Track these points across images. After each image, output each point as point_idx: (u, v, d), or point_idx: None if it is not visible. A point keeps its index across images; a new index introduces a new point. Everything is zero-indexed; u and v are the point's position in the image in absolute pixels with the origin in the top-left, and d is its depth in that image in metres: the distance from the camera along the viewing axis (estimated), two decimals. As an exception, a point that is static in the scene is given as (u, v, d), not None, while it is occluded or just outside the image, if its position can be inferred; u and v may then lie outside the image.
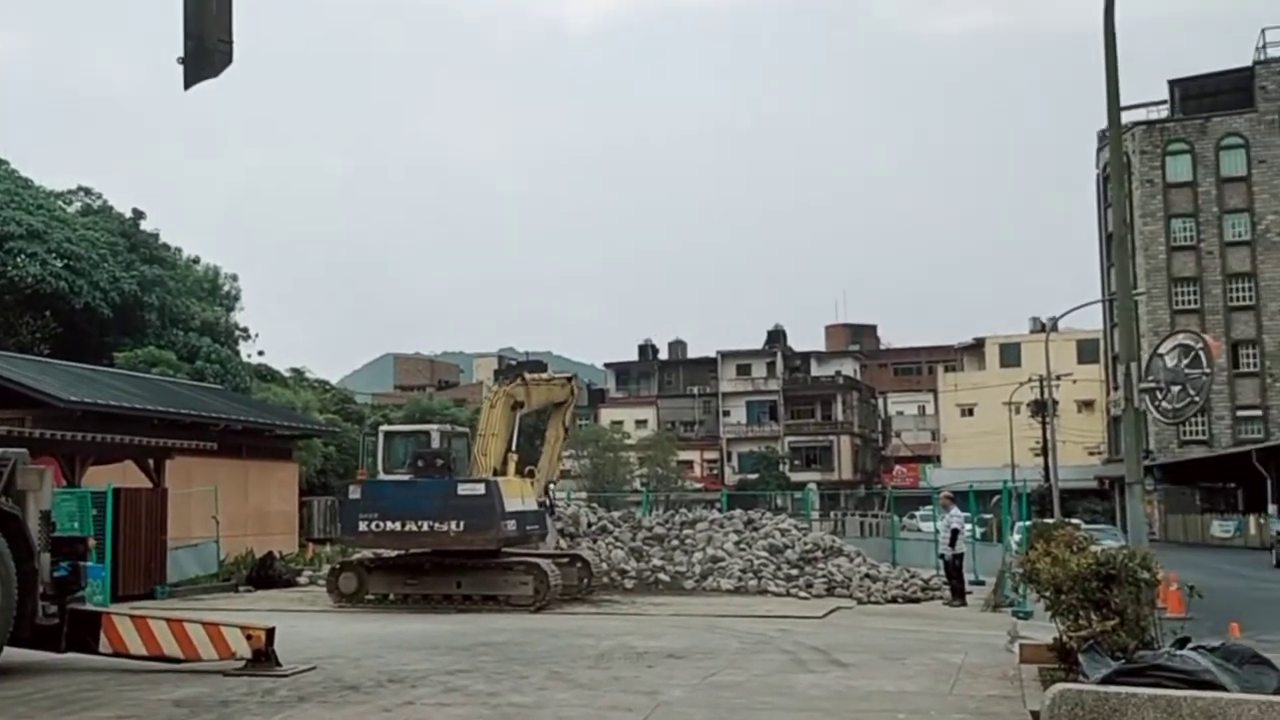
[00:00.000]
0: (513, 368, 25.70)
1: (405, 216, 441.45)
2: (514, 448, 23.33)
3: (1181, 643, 9.61)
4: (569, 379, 26.66)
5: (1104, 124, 15.14)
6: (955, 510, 25.47)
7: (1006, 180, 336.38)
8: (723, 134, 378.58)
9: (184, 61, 8.77)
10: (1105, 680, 8.63)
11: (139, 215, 55.18)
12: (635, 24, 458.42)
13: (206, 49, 8.67)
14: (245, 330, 60.61)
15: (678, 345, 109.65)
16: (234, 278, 62.35)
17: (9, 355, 32.95)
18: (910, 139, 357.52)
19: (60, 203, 52.96)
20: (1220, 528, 61.39)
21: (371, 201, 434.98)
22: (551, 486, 25.96)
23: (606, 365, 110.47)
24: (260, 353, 61.45)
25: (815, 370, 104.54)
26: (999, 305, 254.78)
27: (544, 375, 26.23)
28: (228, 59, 8.81)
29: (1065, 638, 11.19)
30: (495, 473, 22.62)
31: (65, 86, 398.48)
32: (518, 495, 22.54)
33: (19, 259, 44.99)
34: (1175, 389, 14.85)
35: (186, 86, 8.87)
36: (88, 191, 56.26)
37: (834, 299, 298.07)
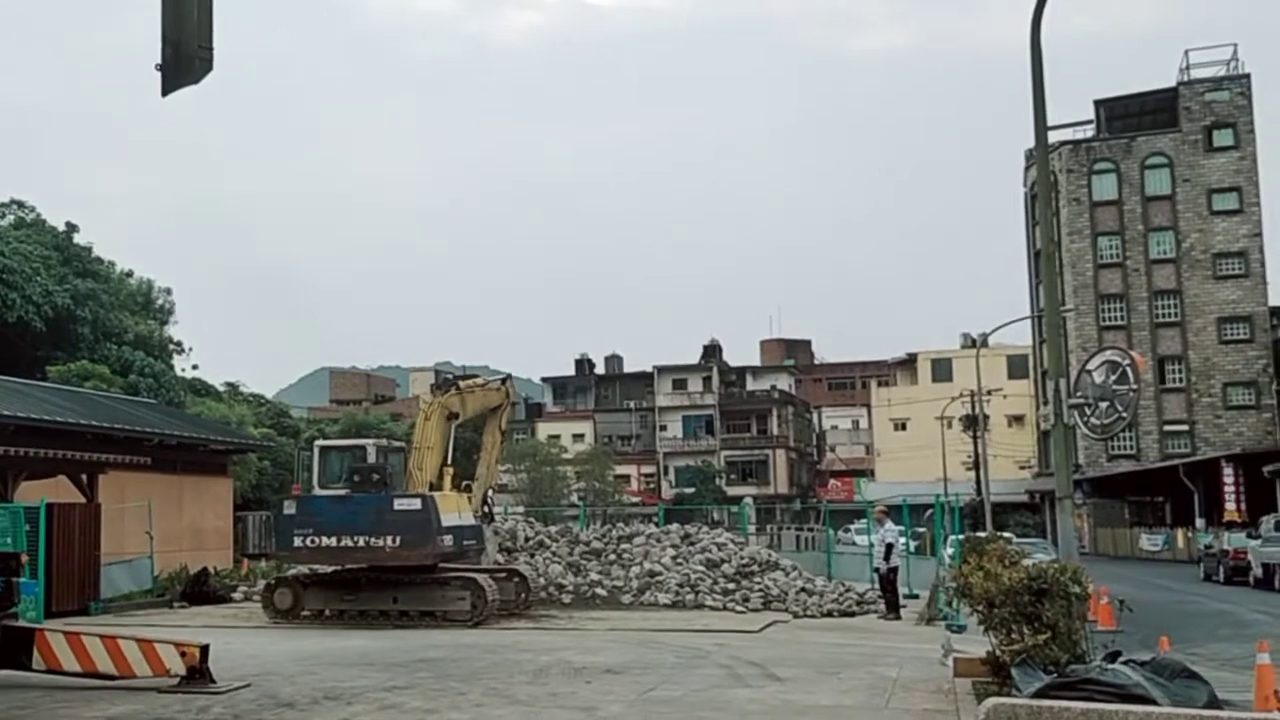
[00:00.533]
0: (448, 379, 25.39)
1: (340, 235, 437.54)
2: (449, 461, 23.25)
3: (1112, 656, 9.74)
4: (503, 381, 26.50)
5: (1031, 143, 15.35)
6: (889, 524, 25.63)
7: (938, 198, 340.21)
8: (654, 153, 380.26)
9: (162, 68, 8.71)
10: (1038, 694, 8.72)
11: (72, 229, 54.81)
12: (562, 43, 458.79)
13: (186, 55, 8.61)
14: (179, 344, 60.18)
15: (614, 360, 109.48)
16: (168, 291, 61.77)
17: None
18: (841, 158, 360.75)
19: None
20: (1149, 541, 62.24)
21: (304, 220, 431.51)
22: (490, 494, 25.88)
23: (543, 379, 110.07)
24: (194, 367, 61.11)
25: (751, 385, 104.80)
26: (931, 321, 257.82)
27: (478, 381, 26.05)
28: (208, 65, 8.75)
29: (999, 651, 11.28)
30: (431, 487, 22.50)
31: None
32: (454, 510, 22.44)
33: None
34: (1103, 405, 15.05)
35: (165, 93, 8.80)
36: (20, 205, 55.73)
37: (769, 314, 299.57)
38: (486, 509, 25.40)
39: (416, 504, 21.49)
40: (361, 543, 21.34)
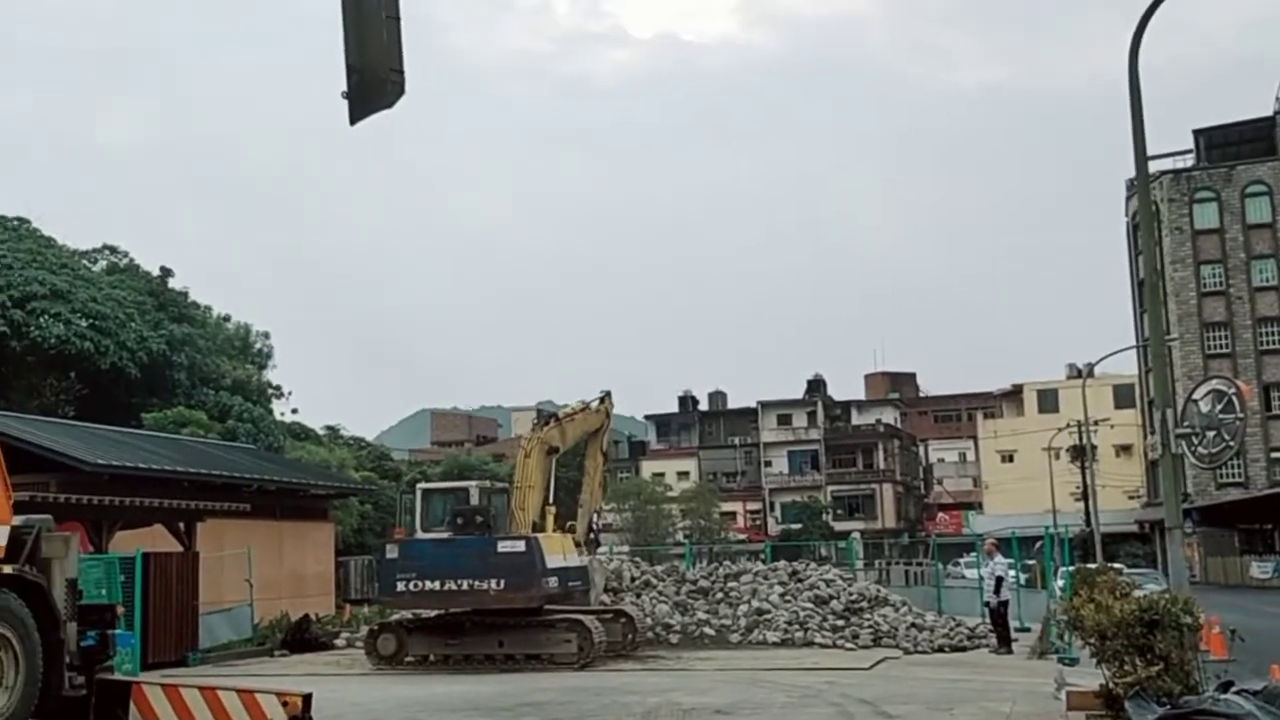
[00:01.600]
0: (547, 415, 25.39)
1: (439, 275, 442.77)
2: (551, 500, 23.29)
3: (1225, 686, 9.64)
4: (601, 399, 26.16)
5: (1132, 173, 15.33)
6: (999, 557, 25.38)
7: (1040, 231, 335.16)
8: (751, 189, 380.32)
9: (349, 95, 8.69)
10: None
11: (167, 273, 54.21)
12: (657, 80, 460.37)
13: (375, 80, 8.56)
14: (278, 388, 59.38)
15: (718, 396, 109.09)
16: (266, 335, 61.19)
17: (32, 418, 32.22)
18: (941, 191, 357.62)
19: (85, 262, 52.07)
20: (1259, 569, 60.93)
21: (402, 261, 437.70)
22: (596, 520, 25.73)
23: (647, 417, 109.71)
24: (294, 411, 60.41)
25: (856, 419, 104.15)
26: (1035, 352, 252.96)
27: (575, 407, 25.93)
28: (400, 89, 8.70)
29: (1111, 684, 11.18)
30: (534, 526, 22.55)
31: (87, 143, 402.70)
32: (559, 551, 22.48)
33: (42, 319, 43.84)
34: (1210, 434, 14.87)
35: (353, 121, 8.76)
36: (113, 250, 55.19)
37: (873, 348, 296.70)
38: (593, 535, 25.32)
39: (521, 546, 21.49)
40: (465, 586, 21.33)
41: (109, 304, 46.86)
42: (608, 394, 26.92)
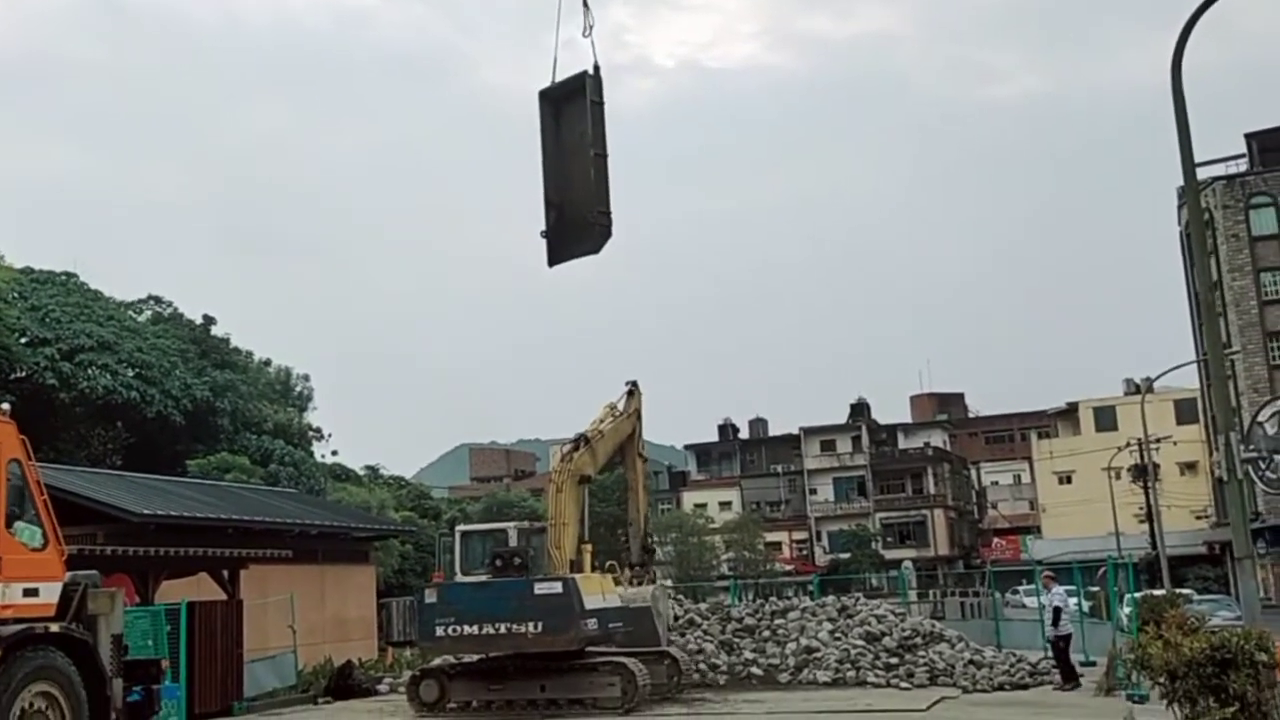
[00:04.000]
0: (575, 440, 24.07)
1: (472, 310, 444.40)
2: (587, 536, 22.75)
3: None
4: (629, 393, 25.26)
5: (1181, 181, 14.91)
6: (1057, 588, 24.68)
7: (1089, 244, 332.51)
8: (784, 209, 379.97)
9: (548, 235, 7.97)
10: None
11: (209, 321, 55.23)
12: (683, 108, 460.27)
13: (582, 220, 7.88)
14: (318, 430, 60.37)
15: (758, 423, 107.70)
16: (306, 378, 62.23)
17: (81, 470, 32.66)
18: (987, 208, 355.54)
19: (130, 312, 53.10)
20: (1340, 588, 59.05)
21: (436, 300, 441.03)
22: (650, 536, 24.90)
23: (686, 447, 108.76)
24: (334, 452, 61.29)
25: (903, 443, 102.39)
26: (1090, 369, 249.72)
27: (602, 416, 24.96)
28: (606, 232, 8.02)
29: (1183, 727, 10.52)
30: (572, 565, 22.13)
31: (130, 196, 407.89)
32: (598, 591, 21.97)
33: (90, 371, 44.80)
34: (1278, 458, 14.11)
35: (552, 263, 8.10)
36: (158, 300, 56.32)
37: (917, 370, 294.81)
38: (648, 548, 24.63)
39: (558, 588, 21.00)
40: (504, 630, 20.85)
41: (154, 353, 47.90)
42: (634, 385, 25.89)
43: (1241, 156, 75.70)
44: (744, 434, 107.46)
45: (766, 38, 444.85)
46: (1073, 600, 25.48)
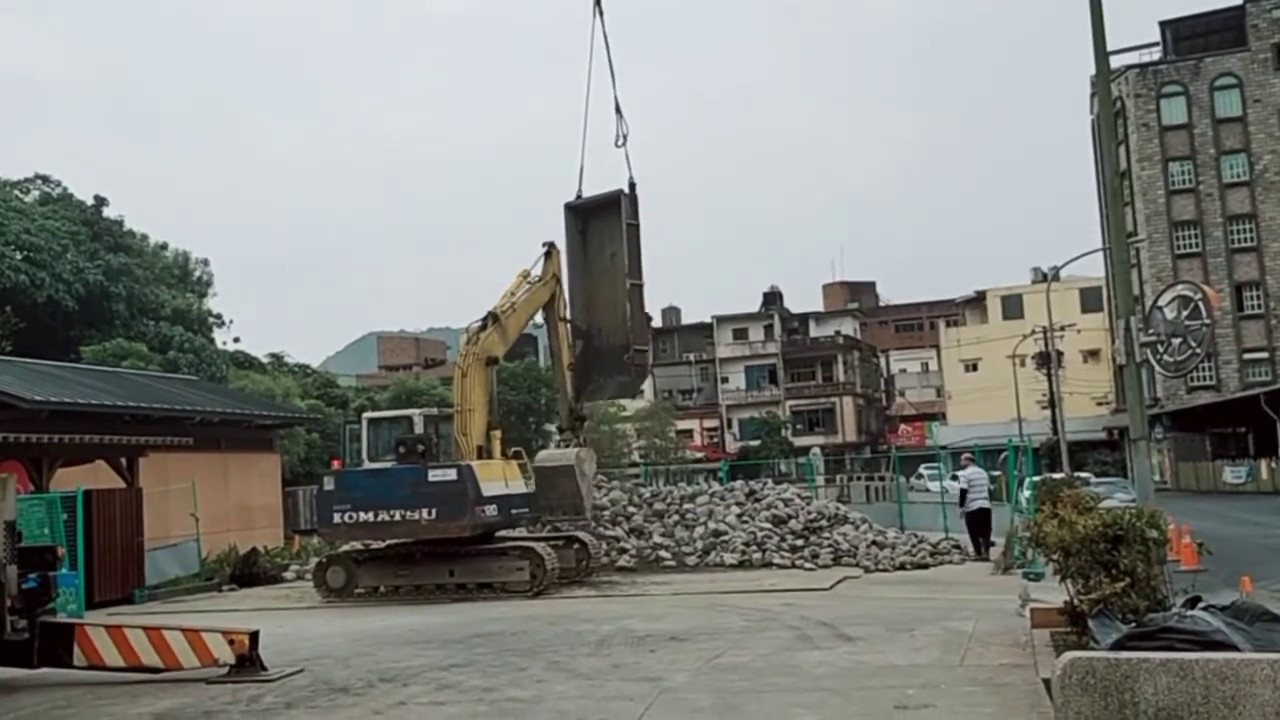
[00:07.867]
0: (484, 318, 23.10)
1: (376, 198, 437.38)
2: (496, 422, 22.62)
3: (1192, 602, 9.40)
4: (546, 254, 24.09)
5: (1094, 70, 14.83)
6: (973, 469, 25.59)
7: (1001, 132, 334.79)
8: (701, 100, 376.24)
9: (574, 368, 7.65)
10: (1116, 645, 8.47)
11: (101, 202, 53.39)
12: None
13: (616, 358, 7.57)
14: (219, 317, 59.32)
15: (671, 311, 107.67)
16: (205, 263, 61.06)
17: None
18: (895, 95, 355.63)
19: (17, 192, 51.23)
20: (1232, 474, 61.09)
21: (337, 185, 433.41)
22: (574, 397, 24.24)
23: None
24: (236, 339, 60.37)
25: (814, 331, 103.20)
26: (999, 257, 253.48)
27: (514, 287, 23.88)
28: (643, 373, 7.73)
29: (1076, 601, 10.86)
30: (480, 452, 21.96)
31: (11, 72, 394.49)
32: (499, 478, 21.84)
33: None
34: (1176, 341, 14.37)
35: (578, 400, 7.76)
36: (46, 180, 54.40)
37: (830, 258, 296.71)
38: (578, 414, 24.40)
39: (452, 475, 20.97)
40: (398, 516, 20.91)
41: (43, 235, 46.21)
42: (551, 246, 24.29)
43: (1155, 45, 75.79)
44: (656, 322, 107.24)
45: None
46: (977, 480, 25.88)
